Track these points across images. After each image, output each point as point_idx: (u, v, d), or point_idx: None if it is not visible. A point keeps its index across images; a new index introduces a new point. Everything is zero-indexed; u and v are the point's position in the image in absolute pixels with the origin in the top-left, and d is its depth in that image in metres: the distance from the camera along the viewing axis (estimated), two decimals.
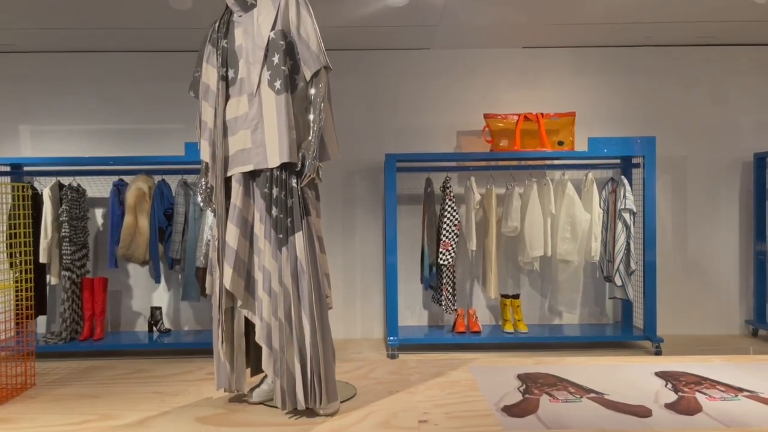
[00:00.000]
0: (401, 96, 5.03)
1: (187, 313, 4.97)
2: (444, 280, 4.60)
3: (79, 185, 4.56)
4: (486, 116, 4.68)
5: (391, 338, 4.45)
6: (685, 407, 1.87)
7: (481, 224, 4.80)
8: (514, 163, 4.84)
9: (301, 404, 1.82)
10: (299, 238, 1.86)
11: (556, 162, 4.84)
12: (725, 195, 5.00)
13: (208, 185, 2.02)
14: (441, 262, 4.51)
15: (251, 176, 1.95)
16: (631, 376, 2.20)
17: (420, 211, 4.90)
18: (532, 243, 4.53)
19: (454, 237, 4.52)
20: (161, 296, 4.97)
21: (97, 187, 4.93)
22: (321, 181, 2.05)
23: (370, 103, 5.02)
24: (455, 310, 4.68)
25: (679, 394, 2.01)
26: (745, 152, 4.96)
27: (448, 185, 4.62)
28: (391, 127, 5.02)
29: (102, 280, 4.61)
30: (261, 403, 1.98)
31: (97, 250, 4.92)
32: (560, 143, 4.63)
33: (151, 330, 4.79)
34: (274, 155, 1.87)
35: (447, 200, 4.56)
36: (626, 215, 4.48)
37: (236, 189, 1.92)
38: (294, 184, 1.90)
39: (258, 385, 2.04)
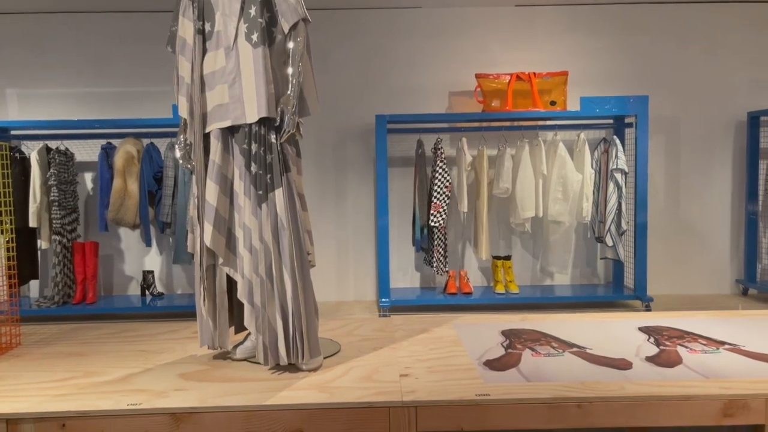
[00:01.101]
0: (392, 56, 4.95)
1: (180, 277, 4.98)
2: (435, 242, 4.60)
3: (67, 149, 4.52)
4: (477, 76, 4.62)
5: (383, 300, 4.48)
6: (665, 360, 1.88)
7: (472, 186, 4.78)
8: (506, 123, 4.79)
9: (284, 360, 1.83)
10: (279, 195, 1.84)
11: (548, 122, 4.80)
12: (718, 155, 4.97)
13: (187, 142, 1.99)
14: (432, 224, 4.51)
15: (230, 132, 1.92)
16: (615, 331, 2.22)
17: (412, 173, 4.88)
18: (524, 204, 4.52)
19: (445, 199, 4.51)
20: (153, 260, 4.97)
21: (86, 151, 4.89)
22: (302, 137, 2.02)
23: (361, 63, 4.95)
24: (447, 271, 4.70)
25: (661, 347, 2.02)
26: (739, 111, 4.92)
27: (440, 147, 4.59)
28: (382, 88, 4.96)
29: (93, 244, 4.61)
30: (245, 359, 1.99)
31: (87, 214, 4.90)
32: (552, 103, 4.58)
33: (143, 294, 4.80)
34: (252, 110, 1.84)
35: (438, 162, 4.53)
36: (618, 175, 4.46)
37: (215, 145, 1.89)
38: (273, 140, 1.87)
39: (242, 342, 2.05)
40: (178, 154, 2.01)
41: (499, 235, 5.00)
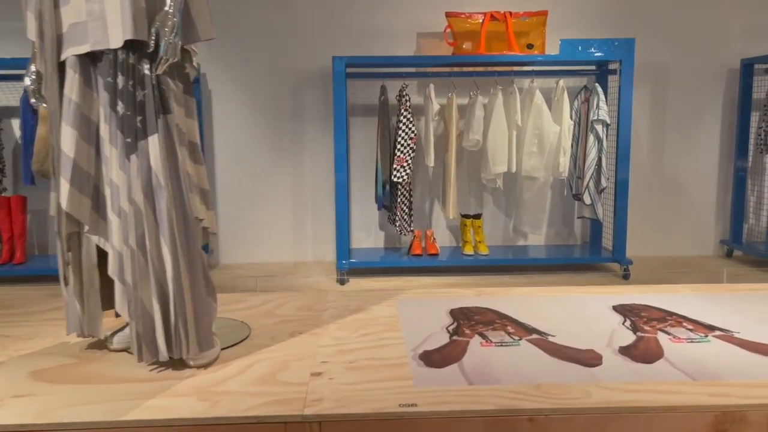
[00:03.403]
0: None
1: None
2: (399, 200, 4.20)
3: None
4: (448, 15, 4.13)
5: (341, 262, 4.10)
6: (643, 351, 1.52)
7: (441, 138, 4.36)
8: (479, 68, 4.34)
9: (163, 354, 1.44)
10: (153, 143, 1.42)
11: (524, 68, 4.35)
12: (708, 105, 4.58)
13: (39, 74, 1.55)
14: (395, 179, 4.09)
15: (91, 60, 1.47)
16: (586, 310, 1.85)
17: (376, 123, 4.44)
18: (495, 158, 4.12)
19: (410, 152, 4.08)
20: None
21: (12, 95, 4.37)
22: (195, 70, 1.58)
23: (320, 0, 4.43)
24: (412, 231, 4.32)
25: (638, 334, 1.66)
26: (731, 58, 4.50)
27: (405, 94, 4.14)
28: (343, 29, 4.46)
29: (19, 198, 4.15)
30: (124, 350, 1.60)
31: (15, 165, 4.42)
32: (530, 46, 4.12)
33: None
34: (117, 30, 1.40)
35: (402, 111, 4.09)
36: (599, 127, 4.06)
37: (72, 78, 1.44)
38: (146, 71, 1.43)
39: (122, 329, 1.65)
40: (26, 83, 1.57)
41: (470, 192, 4.61)
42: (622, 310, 1.90)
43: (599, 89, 4.06)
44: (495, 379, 1.40)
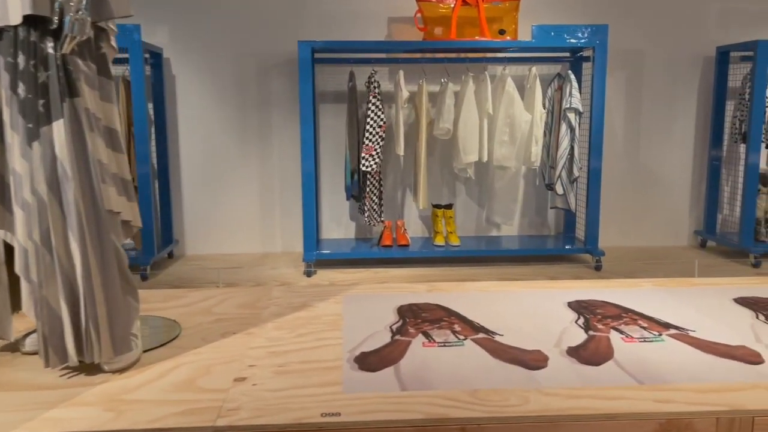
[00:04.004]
0: None
1: None
2: (368, 189, 4.10)
3: None
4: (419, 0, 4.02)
5: (308, 253, 4.00)
6: (591, 352, 1.43)
7: (412, 126, 4.26)
8: (451, 55, 4.24)
9: (73, 359, 1.33)
10: (58, 129, 1.30)
11: (497, 55, 4.25)
12: (683, 94, 4.50)
13: None
14: (364, 168, 3.98)
15: None
16: (541, 307, 1.76)
17: (345, 110, 4.32)
18: (466, 147, 4.02)
19: (379, 140, 3.97)
20: None
21: None
22: (114, 50, 1.46)
23: None
24: (382, 221, 4.22)
25: (590, 333, 1.57)
26: (707, 45, 4.43)
27: (373, 80, 4.02)
28: (311, 13, 4.33)
29: None
30: (36, 353, 1.49)
31: None
32: (501, 32, 4.02)
33: None
34: (15, 5, 1.27)
35: (371, 98, 3.97)
36: (571, 115, 3.97)
37: None
38: (50, 50, 1.31)
39: (35, 331, 1.53)
40: None
41: (442, 182, 4.51)
42: (577, 306, 1.82)
43: (572, 77, 3.97)
44: (429, 384, 1.31)
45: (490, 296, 1.92)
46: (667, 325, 1.65)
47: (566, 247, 4.23)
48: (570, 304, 1.83)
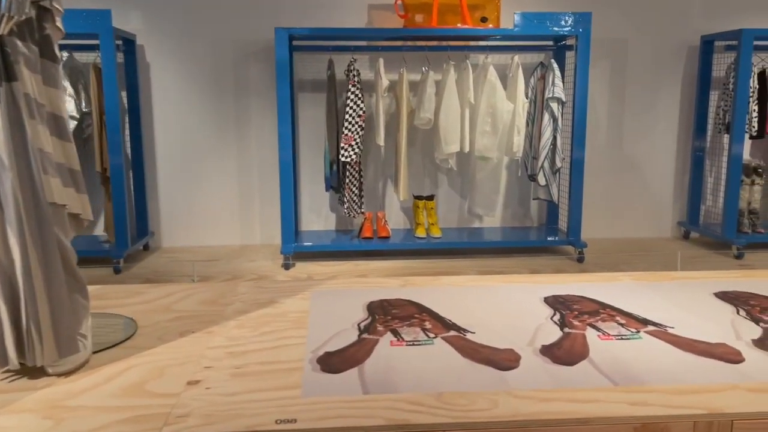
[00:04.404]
0: None
1: None
2: (347, 180, 4.01)
3: None
4: None
5: (286, 245, 3.91)
6: (566, 351, 1.37)
7: (394, 116, 4.18)
8: (432, 43, 4.15)
9: (13, 362, 1.25)
10: None
11: (479, 43, 4.17)
12: (667, 83, 4.45)
13: None
14: (343, 159, 3.90)
15: None
16: (516, 302, 1.70)
17: (325, 99, 4.22)
18: (447, 137, 3.94)
19: (358, 130, 3.89)
20: None
21: None
22: (61, 32, 1.37)
23: None
24: (362, 213, 4.14)
25: (566, 330, 1.51)
26: (691, 34, 4.38)
27: (353, 68, 3.93)
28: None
29: None
30: None
31: None
32: (483, 19, 3.94)
33: None
34: None
35: (350, 86, 3.88)
36: (554, 105, 3.91)
37: None
38: None
39: None
40: None
41: (424, 173, 4.44)
42: (554, 302, 1.75)
43: (555, 65, 3.90)
44: (394, 386, 1.24)
45: (465, 291, 1.85)
46: (645, 322, 1.60)
47: (549, 238, 4.18)
48: (546, 300, 1.77)
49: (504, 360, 1.36)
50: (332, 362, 1.36)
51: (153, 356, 1.40)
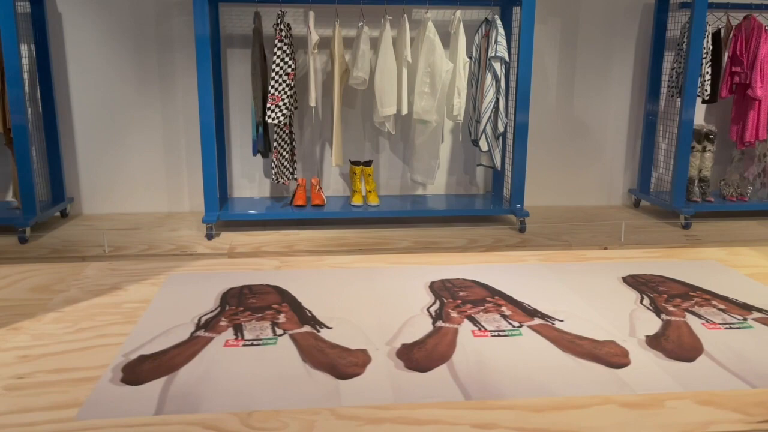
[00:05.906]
0: None
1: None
2: (276, 144, 3.74)
3: None
4: None
5: (208, 214, 3.65)
6: (426, 354, 1.17)
7: (329, 75, 3.88)
8: None
9: None
10: None
11: None
12: (621, 44, 4.21)
13: None
14: (269, 120, 3.61)
15: None
16: (395, 289, 1.48)
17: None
18: (383, 99, 3.67)
19: (287, 89, 3.59)
20: None
21: None
22: None
23: None
24: (294, 179, 3.88)
25: (438, 324, 1.29)
26: None
27: (280, 22, 3.61)
28: None
29: None
30: None
31: None
32: None
33: None
34: None
35: (277, 41, 3.57)
36: (496, 65, 3.64)
37: None
38: None
39: None
40: None
41: (364, 136, 4.18)
42: (440, 287, 1.54)
43: (498, 22, 3.62)
44: (197, 404, 1.01)
45: (345, 274, 1.63)
46: (533, 313, 1.39)
47: (491, 207, 3.97)
48: (433, 285, 1.55)
49: (348, 365, 1.15)
50: (140, 370, 1.12)
51: None
